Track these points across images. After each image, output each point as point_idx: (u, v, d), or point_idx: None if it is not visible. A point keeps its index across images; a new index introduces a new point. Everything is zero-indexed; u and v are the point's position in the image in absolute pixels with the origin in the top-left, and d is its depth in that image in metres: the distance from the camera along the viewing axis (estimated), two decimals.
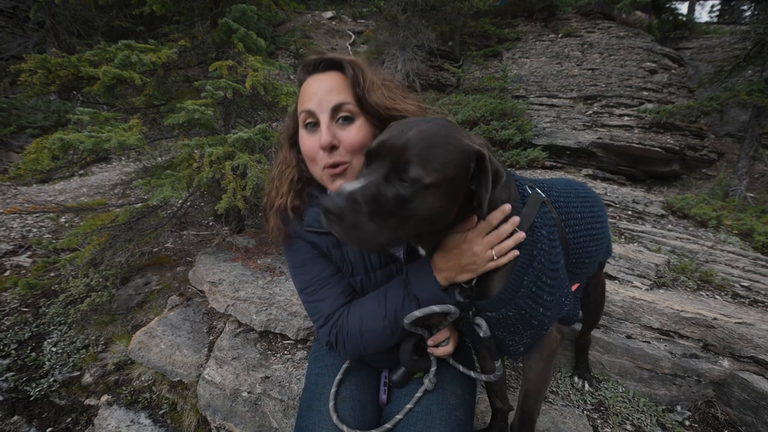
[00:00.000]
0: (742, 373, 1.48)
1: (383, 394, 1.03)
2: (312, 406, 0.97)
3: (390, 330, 0.83)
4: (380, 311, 0.83)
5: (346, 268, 0.91)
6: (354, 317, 0.86)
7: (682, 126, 4.66)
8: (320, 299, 0.89)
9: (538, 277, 0.77)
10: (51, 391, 1.95)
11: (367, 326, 0.84)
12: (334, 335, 0.87)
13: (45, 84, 1.87)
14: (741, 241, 3.19)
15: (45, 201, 3.20)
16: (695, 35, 7.35)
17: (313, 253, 0.90)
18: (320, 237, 0.88)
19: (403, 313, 0.81)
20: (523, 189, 0.83)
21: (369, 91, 0.78)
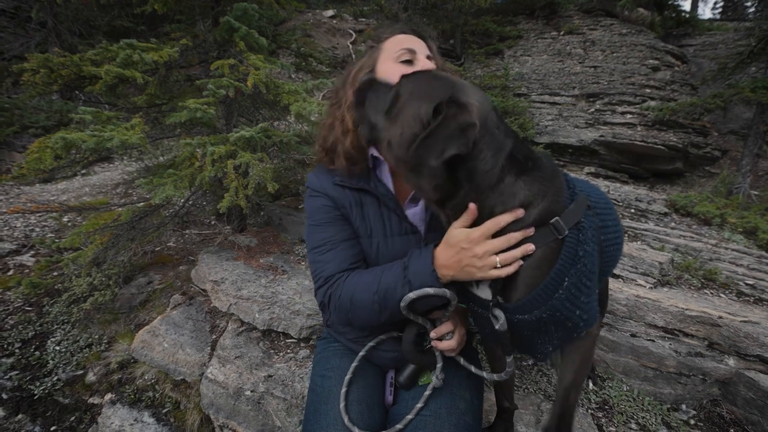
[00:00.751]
0: (748, 372, 1.47)
1: (389, 395, 1.02)
2: (319, 409, 0.96)
3: (378, 306, 0.83)
4: (373, 286, 0.84)
5: (364, 229, 0.93)
6: (349, 285, 0.87)
7: (685, 123, 4.63)
8: (326, 261, 0.91)
9: (579, 278, 0.72)
10: (55, 390, 1.96)
11: (358, 297, 0.85)
12: (327, 296, 0.89)
13: (47, 83, 1.87)
14: (745, 239, 3.17)
15: (48, 200, 3.21)
16: (698, 32, 7.30)
17: (333, 213, 0.93)
18: (345, 192, 0.93)
19: (395, 294, 0.81)
20: (574, 187, 0.79)
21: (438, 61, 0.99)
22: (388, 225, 0.93)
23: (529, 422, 1.28)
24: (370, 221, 0.93)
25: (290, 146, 2.10)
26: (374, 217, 0.93)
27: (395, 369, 1.06)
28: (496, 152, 0.71)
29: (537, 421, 1.29)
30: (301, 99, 2.02)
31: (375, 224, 0.93)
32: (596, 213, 0.86)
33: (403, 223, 0.93)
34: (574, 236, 0.72)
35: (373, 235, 0.93)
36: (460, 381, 0.99)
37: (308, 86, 2.15)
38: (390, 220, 0.93)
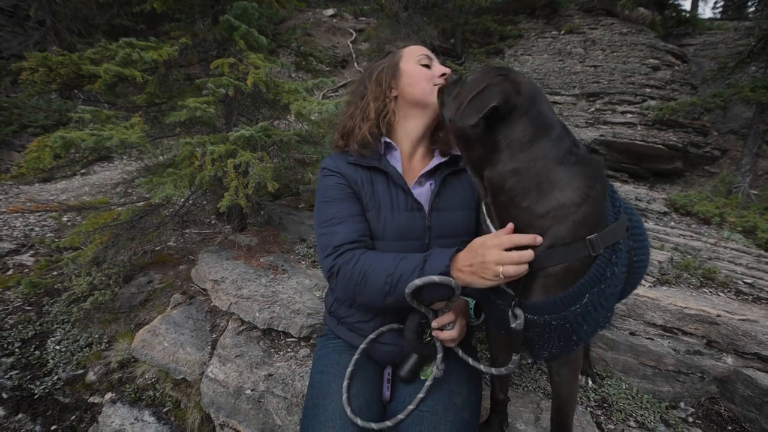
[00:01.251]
0: (746, 370, 1.47)
1: (386, 390, 1.04)
2: (317, 404, 0.97)
3: (388, 288, 0.86)
4: (390, 268, 0.87)
5: (373, 204, 1.01)
6: (366, 261, 0.90)
7: (685, 123, 4.63)
8: (335, 232, 0.95)
9: (599, 297, 0.72)
10: (55, 389, 1.96)
11: (372, 275, 0.87)
12: (338, 266, 0.92)
13: (46, 82, 1.87)
14: (744, 239, 3.18)
15: (47, 200, 3.21)
16: (698, 31, 7.29)
17: (345, 191, 1.01)
18: (358, 170, 1.03)
19: (407, 281, 0.84)
20: (619, 204, 0.79)
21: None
22: (395, 200, 1.01)
23: (529, 420, 1.29)
24: (379, 197, 1.01)
25: (290, 145, 2.10)
26: (383, 192, 1.01)
27: (394, 365, 1.08)
28: (537, 128, 0.73)
29: (536, 419, 1.29)
30: (301, 98, 2.02)
31: (383, 199, 1.01)
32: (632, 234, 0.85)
33: (408, 199, 1.01)
34: (607, 256, 0.72)
35: (381, 209, 1.00)
36: (459, 378, 1.00)
37: (308, 85, 2.15)
38: (397, 196, 1.01)
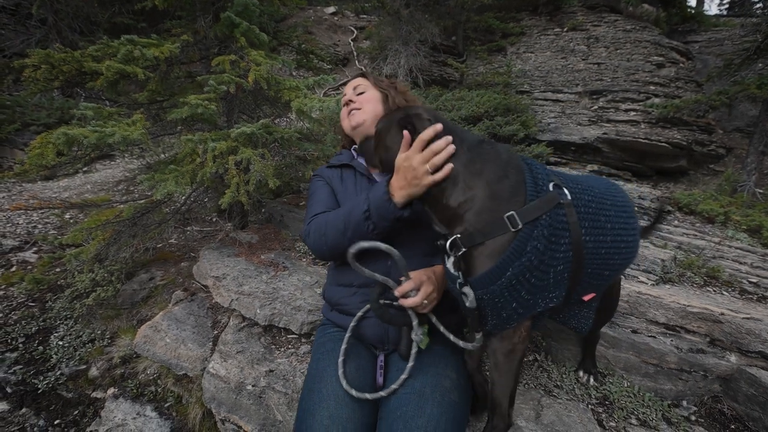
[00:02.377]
0: (750, 369, 1.46)
1: (380, 377, 1.07)
2: (313, 389, 1.01)
3: (343, 225, 1.05)
4: (342, 211, 1.08)
5: (343, 192, 1.25)
6: (326, 214, 1.14)
7: (690, 121, 4.59)
8: (314, 210, 1.21)
9: (522, 272, 0.77)
10: (58, 384, 1.97)
11: (331, 220, 1.09)
12: (309, 228, 1.15)
13: (48, 80, 1.87)
14: (749, 238, 3.15)
15: (50, 197, 3.23)
16: (704, 28, 7.21)
17: (324, 187, 1.28)
18: (333, 171, 1.32)
19: (358, 212, 1.02)
20: (544, 184, 0.83)
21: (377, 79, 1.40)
22: (359, 187, 1.24)
23: (529, 417, 1.28)
24: (348, 186, 1.26)
25: (291, 143, 2.10)
26: (351, 183, 1.26)
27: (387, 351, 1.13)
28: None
29: (537, 416, 1.29)
30: (302, 95, 2.02)
31: (350, 187, 1.25)
32: (586, 212, 0.87)
33: (371, 182, 1.24)
34: (528, 231, 0.78)
35: (348, 195, 1.23)
36: (447, 362, 1.03)
37: (309, 83, 2.15)
38: (362, 183, 1.25)
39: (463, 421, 0.98)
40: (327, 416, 0.92)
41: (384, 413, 0.96)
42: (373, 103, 1.28)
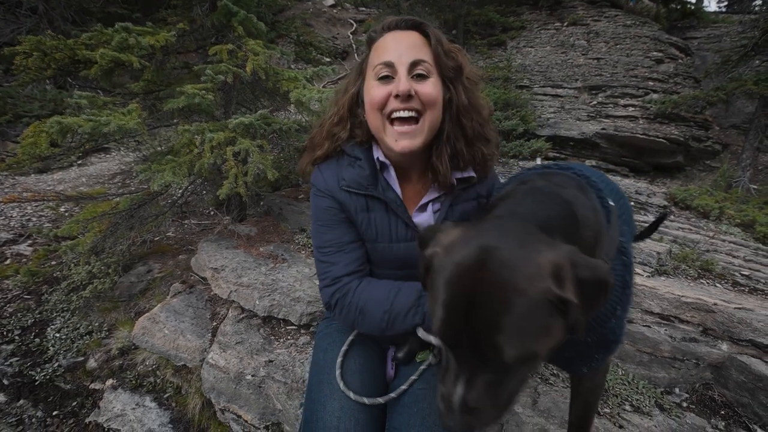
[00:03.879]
0: (741, 356, 1.49)
1: (391, 369, 1.04)
2: (322, 380, 0.98)
3: (386, 324, 0.85)
4: (385, 304, 0.85)
5: (370, 234, 0.92)
6: (360, 295, 0.89)
7: (687, 117, 4.61)
8: (333, 262, 0.92)
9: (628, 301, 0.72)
10: (56, 376, 1.97)
11: (369, 311, 0.86)
12: (335, 299, 0.91)
13: (41, 68, 1.84)
14: (742, 232, 3.19)
15: (44, 190, 3.19)
16: (703, 24, 7.22)
17: (339, 216, 0.92)
18: (352, 197, 0.91)
19: (405, 320, 0.83)
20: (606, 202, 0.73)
21: (446, 55, 0.85)
22: (394, 231, 0.91)
23: (526, 403, 1.30)
24: (376, 226, 0.91)
25: (290, 134, 2.08)
26: (381, 222, 0.91)
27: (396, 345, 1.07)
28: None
29: (534, 402, 1.31)
30: (301, 86, 2.00)
31: (381, 230, 0.91)
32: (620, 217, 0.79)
33: (409, 230, 0.91)
34: (620, 262, 0.70)
35: (378, 240, 0.92)
36: None
37: (308, 74, 2.13)
38: (397, 226, 0.91)
39: None
40: (338, 408, 0.90)
41: (399, 407, 0.92)
42: (437, 109, 0.84)
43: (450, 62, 0.84)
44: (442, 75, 0.84)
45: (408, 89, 0.78)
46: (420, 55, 0.81)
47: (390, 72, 0.81)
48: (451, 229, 0.59)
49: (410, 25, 0.86)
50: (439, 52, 0.83)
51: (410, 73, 0.81)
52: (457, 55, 0.87)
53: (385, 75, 0.81)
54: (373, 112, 0.84)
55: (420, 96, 0.81)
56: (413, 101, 0.81)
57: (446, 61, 0.84)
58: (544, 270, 0.49)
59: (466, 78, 0.88)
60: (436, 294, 0.53)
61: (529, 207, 0.64)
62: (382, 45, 0.84)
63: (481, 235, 0.55)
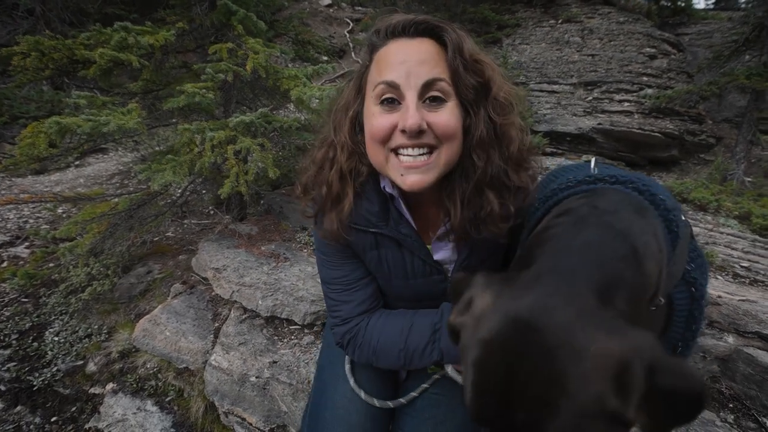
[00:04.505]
0: (747, 349, 1.49)
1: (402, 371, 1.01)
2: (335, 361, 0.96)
3: (404, 362, 0.79)
4: (399, 343, 0.78)
5: (381, 272, 0.82)
6: (373, 331, 0.81)
7: (682, 111, 4.66)
8: (342, 300, 0.84)
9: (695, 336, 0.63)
10: (54, 381, 1.94)
11: (383, 349, 0.79)
12: (347, 339, 0.84)
13: (38, 69, 1.82)
14: (739, 224, 3.22)
15: (41, 191, 3.14)
16: (693, 21, 7.32)
17: (345, 253, 0.82)
18: (359, 234, 0.78)
19: (422, 356, 0.76)
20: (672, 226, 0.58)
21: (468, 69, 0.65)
22: (410, 268, 0.80)
23: None
24: (389, 264, 0.80)
25: (291, 132, 2.07)
26: (393, 260, 0.79)
27: None
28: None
29: None
30: (301, 84, 1.99)
31: (394, 267, 0.80)
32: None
33: (427, 266, 0.80)
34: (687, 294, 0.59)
35: (392, 278, 0.82)
36: None
37: (308, 72, 2.12)
38: (413, 263, 0.79)
39: None
40: (349, 389, 0.89)
41: (412, 411, 0.89)
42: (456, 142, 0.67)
43: (471, 79, 0.65)
44: (460, 96, 0.65)
45: (418, 124, 0.62)
46: (434, 73, 0.63)
47: (395, 95, 0.64)
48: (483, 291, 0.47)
49: (422, 30, 0.67)
50: (458, 67, 0.64)
51: (422, 97, 0.64)
52: (484, 68, 0.67)
53: (389, 98, 0.65)
54: (374, 145, 0.68)
55: (434, 129, 0.64)
56: (425, 136, 0.64)
57: (467, 78, 0.64)
58: (601, 369, 0.35)
59: (494, 99, 0.67)
60: (466, 372, 0.43)
61: (575, 256, 0.48)
62: (385, 57, 0.66)
63: (518, 306, 0.42)
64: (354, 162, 0.74)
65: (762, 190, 4.07)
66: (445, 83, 0.64)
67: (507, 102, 0.69)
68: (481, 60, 0.68)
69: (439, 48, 0.66)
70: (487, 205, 0.69)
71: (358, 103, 0.73)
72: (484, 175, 0.68)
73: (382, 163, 0.69)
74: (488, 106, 0.67)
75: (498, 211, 0.69)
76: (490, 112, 0.67)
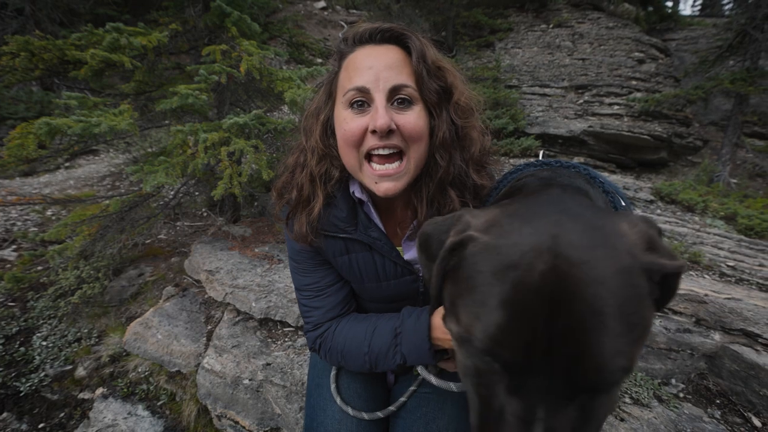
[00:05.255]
0: (733, 345, 1.53)
1: (390, 374, 1.02)
2: (321, 383, 0.96)
3: (370, 366, 0.80)
4: (363, 346, 0.79)
5: (353, 276, 0.84)
6: (339, 338, 0.83)
7: (669, 114, 4.77)
8: (314, 306, 0.86)
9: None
10: (42, 386, 1.90)
11: (349, 353, 0.81)
12: (318, 344, 0.86)
13: (28, 69, 1.79)
14: (725, 224, 3.30)
15: (29, 193, 3.09)
16: (680, 27, 7.53)
17: (316, 260, 0.84)
18: (329, 241, 0.80)
19: (386, 360, 0.78)
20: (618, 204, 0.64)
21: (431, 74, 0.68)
22: (381, 270, 0.82)
23: None
24: (360, 268, 0.82)
25: (285, 134, 2.07)
26: (365, 263, 0.81)
27: None
28: None
29: None
30: (295, 86, 1.99)
31: (366, 271, 0.82)
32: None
33: (398, 267, 0.82)
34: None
35: (364, 281, 0.84)
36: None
37: (302, 73, 2.12)
38: (384, 265, 0.82)
39: None
40: (338, 410, 0.89)
41: (403, 411, 0.91)
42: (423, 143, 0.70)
43: (434, 83, 0.69)
44: (425, 100, 0.69)
45: (387, 124, 0.64)
46: (400, 79, 0.67)
47: (365, 98, 0.67)
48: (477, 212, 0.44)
49: (387, 37, 0.70)
50: (422, 72, 0.68)
51: (390, 100, 0.67)
52: (446, 74, 0.71)
53: (359, 101, 0.68)
54: (347, 148, 0.70)
55: (402, 130, 0.67)
56: (394, 137, 0.67)
57: (430, 83, 0.68)
58: (637, 241, 0.37)
59: (456, 103, 0.72)
60: (482, 293, 0.37)
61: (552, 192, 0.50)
62: (354, 63, 0.69)
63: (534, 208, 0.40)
64: (325, 165, 0.76)
65: (747, 192, 4.17)
66: (411, 88, 0.68)
67: (468, 106, 0.74)
68: (443, 66, 0.72)
69: (404, 54, 0.70)
70: (449, 202, 0.73)
71: (329, 108, 0.76)
72: (446, 174, 0.72)
73: (356, 167, 0.71)
74: (450, 110, 0.71)
75: (459, 208, 0.72)
76: (452, 115, 0.71)
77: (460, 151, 0.73)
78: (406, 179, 0.70)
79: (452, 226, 0.45)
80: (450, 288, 0.44)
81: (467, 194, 0.75)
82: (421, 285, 0.85)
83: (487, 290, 0.36)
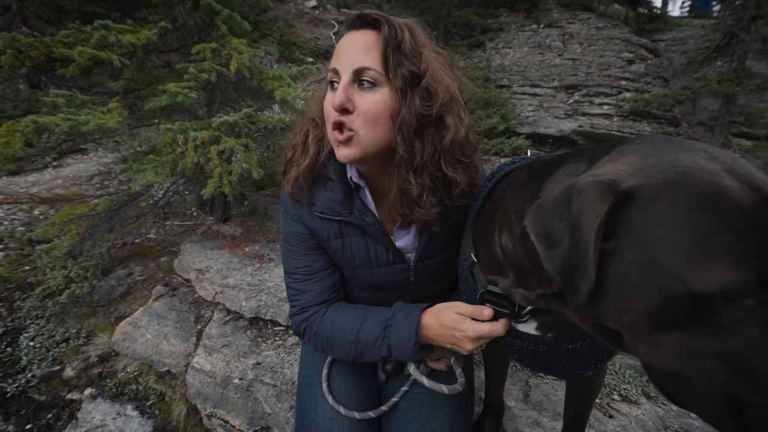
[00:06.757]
0: None
1: (381, 373, 1.02)
2: (312, 382, 0.96)
3: (354, 355, 0.82)
4: (351, 335, 0.81)
5: (345, 261, 0.85)
6: (327, 325, 0.84)
7: (659, 114, 4.84)
8: (302, 290, 0.87)
9: None
10: (29, 387, 1.88)
11: (335, 340, 0.83)
12: (303, 328, 0.87)
13: (14, 66, 1.77)
14: None
15: (16, 192, 3.04)
16: (669, 28, 7.64)
17: (309, 243, 0.85)
18: (324, 223, 0.81)
19: (372, 351, 0.79)
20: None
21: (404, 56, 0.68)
22: (373, 256, 0.84)
23: (518, 397, 1.33)
24: (353, 253, 0.84)
25: (275, 133, 2.07)
26: (358, 248, 0.83)
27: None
28: None
29: (525, 396, 1.34)
30: (285, 84, 1.99)
31: (359, 256, 0.84)
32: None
33: (390, 253, 0.84)
34: None
35: (356, 266, 0.85)
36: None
37: (293, 72, 2.13)
38: (376, 251, 0.83)
39: (471, 418, 0.97)
40: (330, 409, 0.89)
41: (396, 412, 0.91)
42: (379, 127, 0.70)
43: (405, 67, 0.67)
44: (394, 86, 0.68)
45: (341, 102, 0.67)
46: (366, 62, 0.67)
47: (336, 79, 0.71)
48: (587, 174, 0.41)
49: (364, 22, 0.71)
50: (389, 56, 0.67)
51: (354, 81, 0.69)
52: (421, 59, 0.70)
53: (333, 81, 0.71)
54: (327, 124, 0.74)
55: (357, 111, 0.68)
56: (353, 117, 0.69)
57: (398, 68, 0.67)
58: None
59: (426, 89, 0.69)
60: (702, 233, 0.33)
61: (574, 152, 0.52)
62: (337, 47, 0.73)
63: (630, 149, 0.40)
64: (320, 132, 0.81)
65: None
66: (374, 71, 0.68)
67: (443, 93, 0.70)
68: (421, 52, 0.71)
69: (379, 38, 0.69)
70: (409, 188, 0.73)
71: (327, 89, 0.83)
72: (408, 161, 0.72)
73: (331, 137, 0.75)
74: (417, 95, 0.68)
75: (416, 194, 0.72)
76: (417, 102, 0.68)
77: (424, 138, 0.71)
78: (357, 150, 0.70)
79: (571, 199, 0.40)
80: (626, 254, 0.37)
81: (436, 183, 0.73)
82: (412, 275, 0.87)
83: (706, 227, 0.33)
